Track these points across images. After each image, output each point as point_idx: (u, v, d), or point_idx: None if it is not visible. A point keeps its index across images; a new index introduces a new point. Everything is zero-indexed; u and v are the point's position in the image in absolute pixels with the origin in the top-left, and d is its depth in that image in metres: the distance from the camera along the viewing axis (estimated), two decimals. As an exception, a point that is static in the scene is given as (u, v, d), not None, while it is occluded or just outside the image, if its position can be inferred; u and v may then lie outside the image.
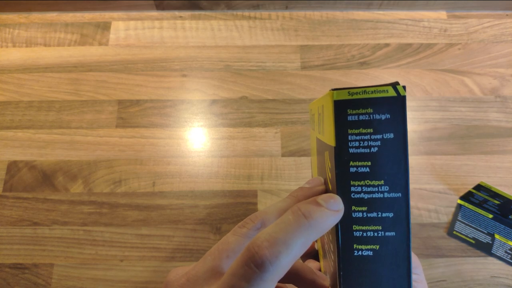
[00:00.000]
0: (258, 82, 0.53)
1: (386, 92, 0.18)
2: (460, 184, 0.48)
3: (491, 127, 0.51)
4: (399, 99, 0.17)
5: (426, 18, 0.57)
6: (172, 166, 0.49)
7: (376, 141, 0.18)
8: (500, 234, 0.44)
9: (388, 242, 0.18)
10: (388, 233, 0.18)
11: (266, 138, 0.50)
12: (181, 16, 0.57)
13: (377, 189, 0.18)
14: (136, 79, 0.53)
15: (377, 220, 0.18)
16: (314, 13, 0.58)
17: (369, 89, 0.18)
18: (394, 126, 0.18)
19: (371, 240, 0.18)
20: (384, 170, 0.18)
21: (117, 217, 0.46)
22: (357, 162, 0.18)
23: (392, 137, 0.18)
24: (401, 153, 0.18)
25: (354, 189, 0.18)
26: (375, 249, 0.18)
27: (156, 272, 0.44)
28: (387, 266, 0.18)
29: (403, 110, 0.17)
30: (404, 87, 0.18)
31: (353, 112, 0.18)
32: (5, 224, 0.46)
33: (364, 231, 0.18)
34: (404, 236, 0.18)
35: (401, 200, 0.18)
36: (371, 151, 0.18)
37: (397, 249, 0.18)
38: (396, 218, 0.18)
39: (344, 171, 0.18)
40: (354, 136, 0.18)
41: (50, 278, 0.44)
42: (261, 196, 0.47)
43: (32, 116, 0.51)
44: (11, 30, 0.56)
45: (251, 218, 0.19)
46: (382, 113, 0.18)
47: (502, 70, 0.54)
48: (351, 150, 0.18)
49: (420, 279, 0.22)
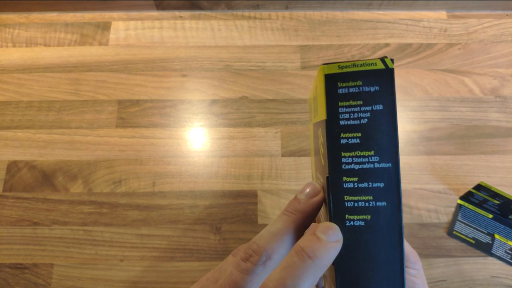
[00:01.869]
0: (258, 82, 0.53)
1: (375, 65, 0.18)
2: (460, 184, 0.48)
3: (491, 127, 0.51)
4: (387, 71, 0.18)
5: (426, 18, 0.57)
6: (172, 166, 0.49)
7: (366, 112, 0.18)
8: (500, 234, 0.44)
9: (379, 212, 0.18)
10: (379, 203, 0.18)
11: (266, 138, 0.50)
12: (181, 16, 0.57)
13: (368, 160, 0.18)
14: (136, 79, 0.53)
15: (368, 190, 0.18)
16: (314, 13, 0.58)
17: (358, 62, 0.18)
18: (383, 97, 0.18)
19: (363, 210, 0.18)
20: (374, 141, 0.18)
21: (117, 217, 0.46)
22: (347, 133, 0.18)
23: (381, 109, 0.18)
24: (390, 124, 0.18)
25: (345, 160, 0.18)
26: (366, 219, 0.18)
27: (156, 272, 0.44)
28: (379, 236, 0.18)
29: (392, 82, 0.18)
30: (392, 60, 0.18)
31: (343, 85, 0.18)
32: (5, 224, 0.46)
33: (356, 201, 0.18)
34: (395, 206, 0.18)
35: (391, 170, 0.18)
36: (361, 123, 0.18)
37: (388, 219, 0.18)
38: (387, 188, 0.18)
39: (335, 143, 0.18)
40: (345, 108, 0.18)
41: (50, 278, 0.44)
42: (261, 196, 0.47)
43: (32, 116, 0.51)
44: (11, 30, 0.56)
45: (254, 250, 0.18)
46: (371, 85, 0.18)
47: (502, 70, 0.54)
48: (341, 122, 0.18)
49: (420, 274, 0.22)
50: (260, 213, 0.47)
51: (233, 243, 0.45)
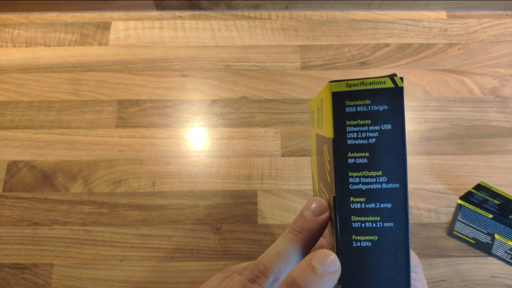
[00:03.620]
0: (258, 82, 0.53)
1: (384, 84, 0.18)
2: (460, 184, 0.48)
3: (491, 127, 0.51)
4: (396, 90, 0.18)
5: (426, 18, 0.57)
6: (172, 166, 0.49)
7: (374, 132, 0.18)
8: (500, 234, 0.44)
9: (386, 233, 0.18)
10: (387, 223, 0.18)
11: (266, 138, 0.50)
12: (181, 16, 0.57)
13: (375, 180, 0.18)
14: (136, 79, 0.53)
15: (376, 211, 0.18)
16: (314, 13, 0.58)
17: (367, 80, 0.18)
18: (392, 117, 0.18)
19: (370, 231, 0.18)
20: (382, 161, 0.18)
21: (117, 217, 0.46)
22: (355, 153, 0.18)
23: (390, 128, 0.18)
24: (399, 143, 0.18)
25: (352, 180, 0.18)
26: (373, 240, 0.18)
27: (156, 272, 0.44)
28: (385, 257, 0.18)
29: (401, 101, 0.18)
30: (401, 78, 0.18)
31: (351, 104, 0.18)
32: (5, 224, 0.46)
33: (363, 222, 0.18)
34: (403, 227, 0.18)
35: (399, 191, 0.18)
36: (369, 142, 0.18)
37: (395, 240, 0.18)
38: (395, 208, 0.18)
39: (342, 162, 0.18)
40: (352, 127, 0.18)
41: (50, 278, 0.44)
42: (261, 196, 0.47)
43: (32, 116, 0.51)
44: (11, 30, 0.56)
45: (261, 271, 0.18)
46: (379, 104, 0.18)
47: (502, 70, 0.54)
48: (349, 141, 0.18)
49: (420, 277, 0.22)
50: (260, 213, 0.47)
51: (233, 243, 0.45)
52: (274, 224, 0.46)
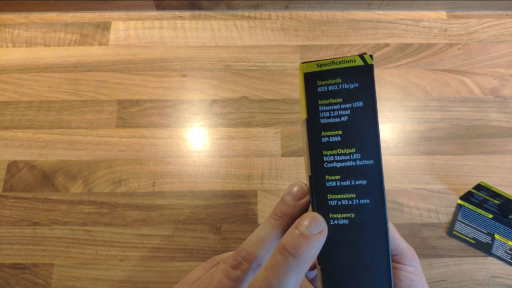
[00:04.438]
0: (258, 82, 0.53)
1: (354, 62, 0.18)
2: (460, 184, 0.48)
3: (491, 127, 0.51)
4: (366, 67, 0.18)
5: (426, 18, 0.57)
6: (172, 166, 0.49)
7: (346, 110, 0.18)
8: (500, 234, 0.44)
9: (363, 209, 0.18)
10: (363, 200, 0.18)
11: (266, 138, 0.50)
12: (181, 16, 0.57)
13: (349, 157, 0.18)
14: (136, 79, 0.53)
15: (351, 188, 0.18)
16: (314, 13, 0.58)
17: (337, 59, 0.18)
18: (363, 94, 0.18)
19: (346, 208, 0.18)
20: (355, 138, 0.18)
21: (117, 217, 0.46)
22: (328, 132, 0.18)
23: (361, 105, 0.18)
24: (371, 120, 0.18)
25: (326, 159, 0.18)
26: (350, 217, 0.18)
27: (156, 272, 0.44)
28: (363, 234, 0.18)
29: (371, 79, 0.18)
30: (371, 56, 0.18)
31: (322, 83, 0.18)
32: (5, 224, 0.46)
33: (339, 199, 0.18)
34: (379, 203, 0.18)
35: (373, 167, 0.18)
36: (341, 120, 0.18)
37: (373, 216, 0.18)
38: (370, 185, 0.18)
39: (316, 141, 0.18)
40: (325, 106, 0.18)
41: (50, 278, 0.44)
42: (261, 196, 0.47)
43: (32, 116, 0.51)
44: (11, 30, 0.56)
45: (243, 257, 0.18)
46: (350, 82, 0.18)
47: (502, 70, 0.54)
48: (322, 120, 0.18)
49: (417, 271, 0.21)
50: (260, 213, 0.47)
51: (233, 243, 0.45)
52: (274, 224, 0.46)
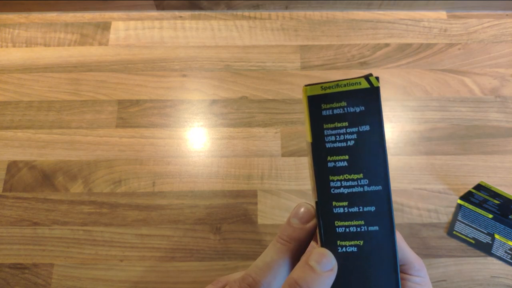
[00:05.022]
0: (258, 82, 0.53)
1: (359, 85, 0.17)
2: (460, 184, 0.48)
3: (491, 127, 0.51)
4: (372, 90, 0.17)
5: (426, 18, 0.57)
6: (172, 166, 0.49)
7: (352, 134, 0.17)
8: (500, 234, 0.44)
9: (372, 237, 0.17)
10: (371, 227, 0.17)
11: (266, 138, 0.50)
12: (181, 16, 0.57)
13: (357, 183, 0.17)
14: (136, 79, 0.53)
15: (359, 215, 0.17)
16: (314, 13, 0.58)
17: (342, 82, 0.18)
18: (370, 118, 0.17)
19: (355, 235, 0.17)
20: (362, 163, 0.17)
21: (117, 217, 0.46)
22: (334, 156, 0.18)
23: (368, 129, 0.17)
24: (378, 144, 0.17)
25: (333, 184, 0.18)
26: (359, 244, 0.17)
27: (156, 272, 0.44)
28: (372, 261, 0.17)
29: (378, 101, 0.17)
30: (377, 78, 0.17)
31: (327, 107, 0.18)
32: (5, 224, 0.46)
33: (347, 226, 0.17)
34: (388, 230, 0.17)
35: (381, 193, 0.17)
36: (348, 145, 0.17)
37: (381, 243, 0.17)
38: (378, 211, 0.17)
39: (322, 166, 0.18)
40: (330, 130, 0.18)
41: (50, 278, 0.44)
42: (261, 196, 0.47)
43: (32, 116, 0.51)
44: (11, 30, 0.56)
45: (250, 284, 0.17)
46: (356, 106, 0.17)
47: (502, 70, 0.54)
48: (327, 145, 0.18)
49: (425, 282, 0.21)
50: (260, 213, 0.47)
51: (233, 243, 0.45)
52: (274, 224, 0.46)
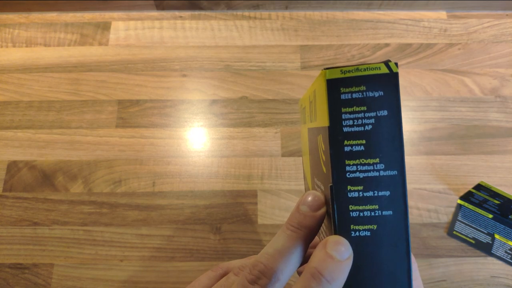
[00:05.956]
0: (258, 82, 0.53)
1: (379, 70, 0.17)
2: (460, 184, 0.48)
3: (491, 127, 0.51)
4: (391, 75, 0.17)
5: (426, 18, 0.57)
6: (172, 166, 0.49)
7: (370, 118, 0.17)
8: (500, 234, 0.44)
9: (386, 221, 0.17)
10: (386, 212, 0.17)
11: (266, 138, 0.50)
12: (181, 16, 0.57)
13: (373, 168, 0.17)
14: (136, 79, 0.53)
15: (374, 199, 0.17)
16: (314, 13, 0.58)
17: (362, 66, 0.17)
18: (388, 103, 0.17)
19: (368, 220, 0.17)
20: (379, 148, 0.17)
21: (117, 217, 0.46)
22: (351, 141, 0.18)
23: (386, 114, 0.17)
24: (395, 130, 0.17)
25: (349, 169, 0.18)
26: (372, 229, 0.17)
27: (156, 272, 0.44)
28: (385, 246, 0.17)
29: (396, 87, 0.17)
30: (396, 63, 0.17)
31: (346, 91, 0.18)
32: (5, 224, 0.46)
33: (361, 211, 0.17)
34: (402, 215, 0.17)
35: (397, 178, 0.17)
36: (365, 129, 0.17)
37: (395, 228, 0.17)
38: (393, 196, 0.17)
39: (338, 150, 0.18)
40: (348, 114, 0.18)
41: (50, 278, 0.44)
42: (261, 196, 0.47)
43: (32, 116, 0.51)
44: (11, 30, 0.56)
45: (261, 271, 0.17)
46: (375, 90, 0.17)
47: (502, 70, 0.54)
48: (345, 129, 0.18)
49: (415, 276, 0.21)
50: (260, 213, 0.47)
51: (233, 243, 0.45)
52: (274, 224, 0.46)
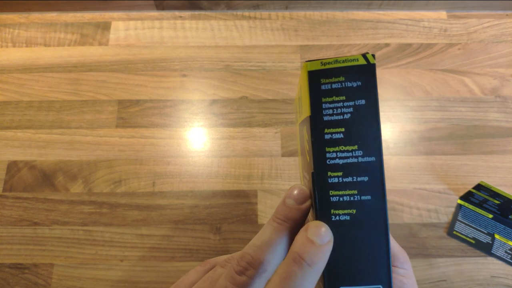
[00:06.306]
0: (258, 82, 0.53)
1: (357, 61, 0.19)
2: (460, 184, 0.48)
3: (491, 127, 0.51)
4: (369, 66, 0.18)
5: (426, 18, 0.57)
6: (172, 166, 0.49)
7: (349, 108, 0.18)
8: (500, 234, 0.44)
9: (364, 206, 0.18)
10: (364, 197, 0.18)
11: (266, 138, 0.50)
12: (181, 16, 0.57)
13: (351, 154, 0.18)
14: (136, 79, 0.53)
15: (353, 185, 0.18)
16: (314, 13, 0.58)
17: (341, 58, 0.19)
18: (366, 92, 0.18)
19: (348, 204, 0.18)
20: (357, 135, 0.18)
21: (117, 217, 0.46)
22: (331, 129, 0.19)
23: (364, 103, 0.18)
24: (373, 118, 0.18)
25: (329, 155, 0.18)
26: (352, 213, 0.18)
27: (156, 272, 0.44)
28: (364, 230, 0.18)
29: (373, 77, 0.18)
30: (373, 55, 0.18)
31: (326, 81, 0.19)
32: (5, 224, 0.46)
33: (341, 196, 0.18)
34: (380, 200, 0.18)
35: (375, 164, 0.18)
36: (344, 118, 0.18)
37: (373, 213, 0.18)
38: (371, 181, 0.18)
39: (319, 138, 0.19)
40: (328, 104, 0.19)
41: (50, 278, 0.44)
42: (261, 196, 0.47)
43: (32, 116, 0.51)
44: (11, 30, 0.56)
45: (249, 262, 0.17)
46: (353, 81, 0.19)
47: (502, 70, 0.54)
48: (325, 118, 0.19)
49: (409, 274, 0.21)
50: (260, 213, 0.47)
51: (233, 243, 0.45)
52: (274, 224, 0.46)
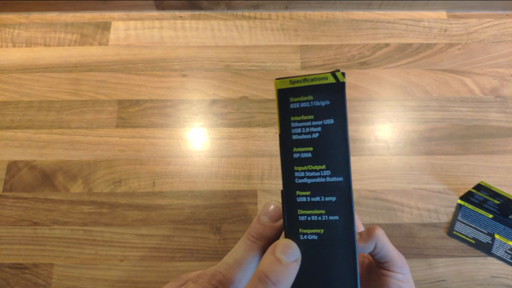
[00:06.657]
0: (258, 82, 0.53)
1: (325, 80, 0.18)
2: (460, 184, 0.48)
3: (491, 127, 0.51)
4: (338, 85, 0.18)
5: (426, 18, 0.57)
6: (172, 166, 0.49)
7: (317, 127, 0.18)
8: (500, 234, 0.44)
9: (332, 226, 0.18)
10: (332, 217, 0.18)
11: (266, 138, 0.50)
12: (181, 16, 0.57)
13: (319, 174, 0.18)
14: (136, 79, 0.53)
15: (321, 204, 0.18)
16: (314, 13, 0.58)
17: (310, 77, 0.18)
18: (334, 112, 0.18)
19: (316, 224, 0.18)
20: (325, 155, 0.18)
21: (117, 217, 0.46)
22: (300, 148, 0.19)
23: (332, 123, 0.18)
24: (341, 138, 0.18)
25: (297, 174, 0.19)
26: (319, 233, 0.18)
27: (156, 272, 0.44)
28: (332, 250, 0.18)
29: (342, 96, 0.18)
30: (343, 73, 0.18)
31: (295, 100, 0.19)
32: (5, 224, 0.46)
33: (309, 215, 0.18)
34: (348, 220, 0.18)
35: (343, 184, 0.18)
36: (312, 137, 0.18)
37: (341, 232, 0.18)
38: (339, 202, 0.18)
39: (288, 157, 0.19)
40: (297, 123, 0.19)
41: (50, 278, 0.44)
42: (261, 196, 0.47)
43: (32, 116, 0.51)
44: (11, 30, 0.56)
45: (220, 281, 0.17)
46: (322, 100, 0.18)
47: (502, 70, 0.54)
48: (294, 136, 0.19)
49: (406, 279, 0.21)
50: (260, 213, 0.47)
51: (233, 243, 0.45)
52: (274, 224, 0.46)
